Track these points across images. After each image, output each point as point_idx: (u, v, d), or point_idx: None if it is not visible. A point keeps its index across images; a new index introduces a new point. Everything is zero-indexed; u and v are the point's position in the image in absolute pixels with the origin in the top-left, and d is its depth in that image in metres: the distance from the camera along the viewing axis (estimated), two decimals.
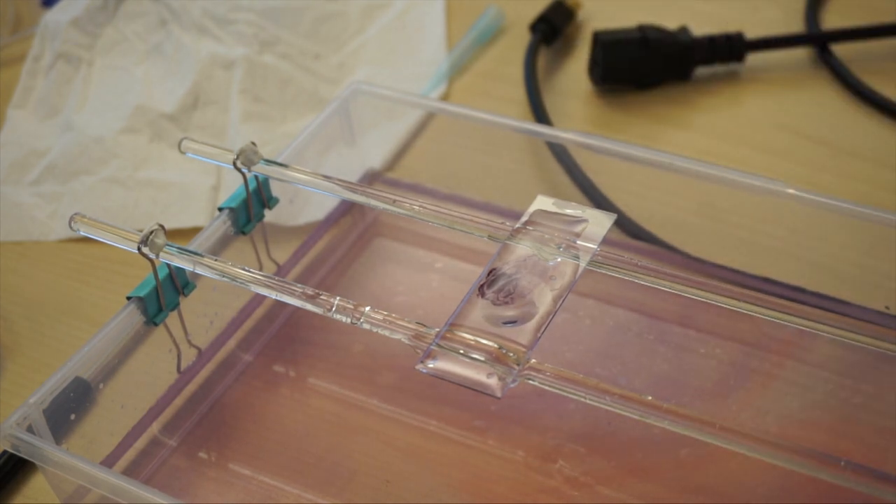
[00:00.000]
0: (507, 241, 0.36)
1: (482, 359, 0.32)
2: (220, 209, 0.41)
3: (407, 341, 0.33)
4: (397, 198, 0.38)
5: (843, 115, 0.52)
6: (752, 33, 0.55)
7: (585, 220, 0.36)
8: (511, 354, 0.32)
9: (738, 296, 0.33)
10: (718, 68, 0.55)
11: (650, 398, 0.31)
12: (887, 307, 0.41)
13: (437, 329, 0.33)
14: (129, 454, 0.39)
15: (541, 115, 0.53)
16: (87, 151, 0.52)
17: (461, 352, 0.32)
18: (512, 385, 0.32)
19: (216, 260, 0.36)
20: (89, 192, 0.51)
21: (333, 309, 0.34)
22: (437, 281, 0.45)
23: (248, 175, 0.40)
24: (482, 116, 0.45)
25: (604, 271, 0.35)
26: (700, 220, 0.46)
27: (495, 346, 0.32)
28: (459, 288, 0.44)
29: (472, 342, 0.33)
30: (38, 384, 0.35)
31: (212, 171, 0.51)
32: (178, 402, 0.40)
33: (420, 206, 0.38)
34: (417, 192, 0.49)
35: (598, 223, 0.36)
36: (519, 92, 0.55)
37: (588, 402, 0.32)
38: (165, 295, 0.38)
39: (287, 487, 0.38)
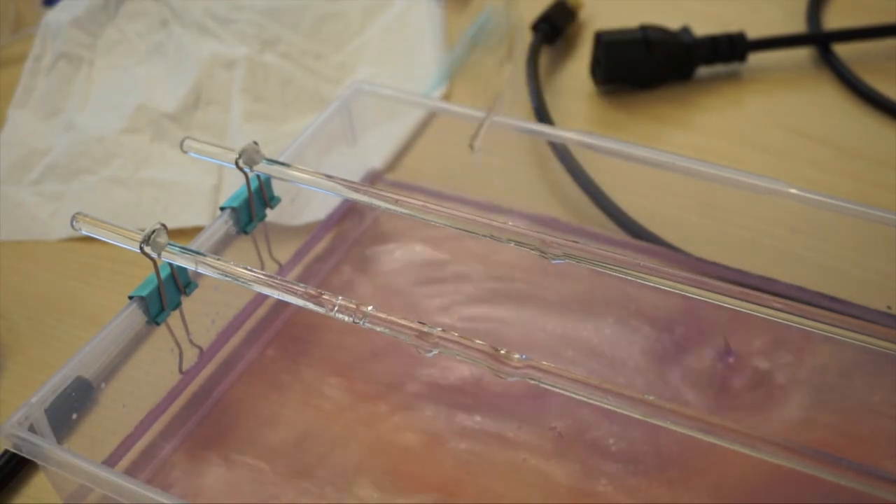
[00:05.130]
0: (509, 241, 0.36)
1: (483, 358, 0.32)
2: (222, 209, 0.41)
3: (409, 341, 0.33)
4: (399, 197, 0.38)
5: (845, 115, 0.52)
6: (753, 33, 0.55)
7: None
8: (512, 354, 0.32)
9: (740, 295, 0.33)
10: (720, 68, 0.55)
11: (652, 398, 0.31)
12: (889, 307, 0.41)
13: (439, 329, 0.33)
14: (131, 454, 0.39)
15: (542, 115, 0.52)
16: (88, 151, 0.52)
17: (463, 351, 0.32)
18: (512, 381, 0.32)
19: (218, 259, 0.36)
20: (91, 192, 0.51)
21: (335, 309, 0.34)
22: (440, 280, 0.45)
23: (251, 174, 0.40)
24: (484, 116, 0.44)
25: (605, 271, 0.35)
26: (701, 220, 0.46)
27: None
28: (461, 287, 0.44)
29: (474, 341, 0.33)
30: (39, 384, 0.35)
31: (213, 170, 0.51)
32: (180, 401, 0.40)
33: (422, 206, 0.38)
34: (419, 191, 0.49)
35: None
36: (521, 91, 0.55)
37: (589, 401, 0.32)
38: (167, 294, 0.38)
39: (288, 487, 0.38)
